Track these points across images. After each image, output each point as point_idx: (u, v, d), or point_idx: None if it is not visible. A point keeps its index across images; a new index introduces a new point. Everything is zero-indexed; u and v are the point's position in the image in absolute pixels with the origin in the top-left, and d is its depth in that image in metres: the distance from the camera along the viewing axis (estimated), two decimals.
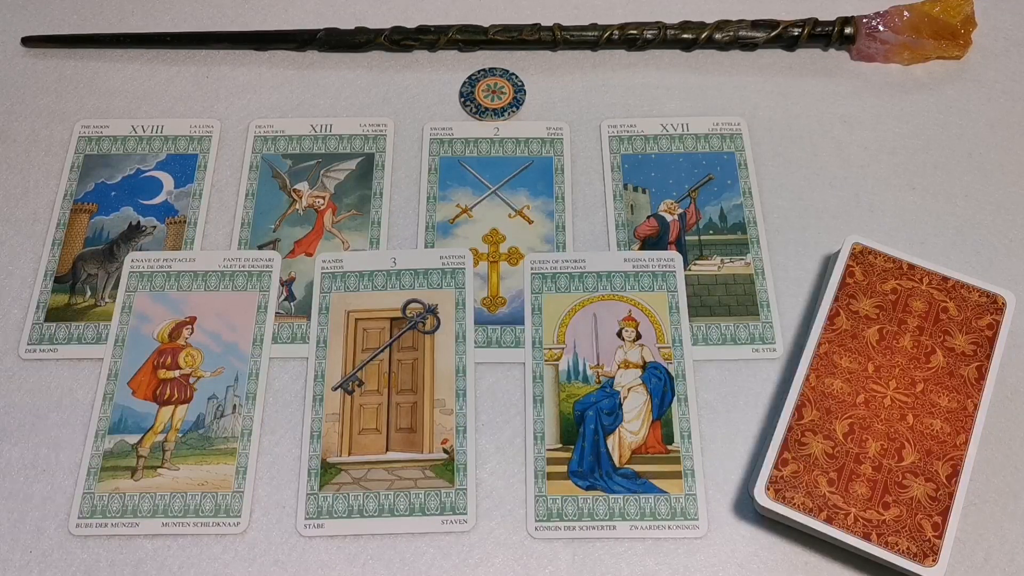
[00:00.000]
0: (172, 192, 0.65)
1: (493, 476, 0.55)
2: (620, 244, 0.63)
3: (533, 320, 0.60)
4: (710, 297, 0.61)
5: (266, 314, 0.60)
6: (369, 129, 0.67)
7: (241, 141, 0.67)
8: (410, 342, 0.59)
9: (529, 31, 0.70)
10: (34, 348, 0.60)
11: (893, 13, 0.69)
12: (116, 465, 0.56)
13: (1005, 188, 0.64)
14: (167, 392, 0.58)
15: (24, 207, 0.65)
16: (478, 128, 0.68)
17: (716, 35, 0.69)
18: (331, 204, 0.65)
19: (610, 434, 0.56)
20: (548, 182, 0.65)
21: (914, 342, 0.55)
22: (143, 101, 0.69)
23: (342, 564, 0.53)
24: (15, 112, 0.69)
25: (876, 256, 0.57)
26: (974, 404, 0.53)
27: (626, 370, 0.58)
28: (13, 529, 0.54)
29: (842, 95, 0.68)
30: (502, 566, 0.53)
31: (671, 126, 0.67)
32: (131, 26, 0.73)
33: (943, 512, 0.50)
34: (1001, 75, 0.69)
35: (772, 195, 0.64)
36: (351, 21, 0.72)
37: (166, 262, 0.62)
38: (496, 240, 0.63)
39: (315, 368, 0.58)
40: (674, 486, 0.55)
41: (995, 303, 0.56)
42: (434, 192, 0.65)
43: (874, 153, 0.66)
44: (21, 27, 0.72)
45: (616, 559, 0.53)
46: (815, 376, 0.54)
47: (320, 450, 0.56)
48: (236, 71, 0.70)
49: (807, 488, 0.51)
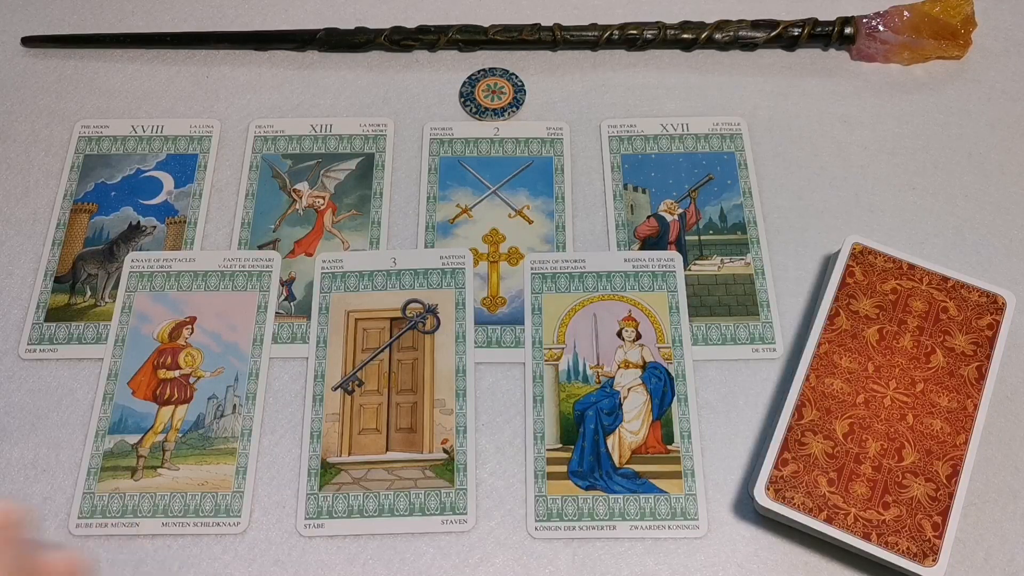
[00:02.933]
0: (172, 192, 0.65)
1: (493, 476, 0.55)
2: (620, 244, 0.63)
3: (533, 320, 0.60)
4: (710, 297, 0.61)
5: (266, 314, 0.60)
6: (369, 129, 0.67)
7: (241, 141, 0.67)
8: (410, 342, 0.59)
9: (529, 31, 0.70)
10: (34, 348, 0.60)
11: (893, 13, 0.68)
12: (116, 465, 0.56)
13: (1005, 188, 0.64)
14: (167, 392, 0.58)
15: (24, 207, 0.65)
16: (478, 128, 0.68)
17: (716, 35, 0.69)
18: (331, 204, 0.65)
19: (610, 434, 0.56)
20: (548, 182, 0.65)
21: (914, 342, 0.55)
22: (143, 101, 0.69)
23: (342, 564, 0.53)
24: (15, 112, 0.69)
25: (876, 256, 0.57)
26: (974, 404, 0.53)
27: (626, 370, 0.58)
28: None
29: (842, 95, 0.68)
30: (502, 566, 0.53)
31: (671, 126, 0.67)
32: (131, 26, 0.73)
33: (943, 512, 0.50)
34: (1001, 75, 0.69)
35: (772, 195, 0.64)
36: (351, 21, 0.72)
37: (166, 262, 0.62)
38: (496, 240, 0.63)
39: (315, 368, 0.58)
40: (674, 486, 0.55)
41: (995, 303, 0.56)
42: (434, 192, 0.65)
43: (874, 153, 0.66)
44: (21, 27, 0.72)
45: (616, 559, 0.53)
46: (815, 376, 0.54)
47: (320, 450, 0.56)
48: (236, 71, 0.70)
49: (807, 488, 0.51)
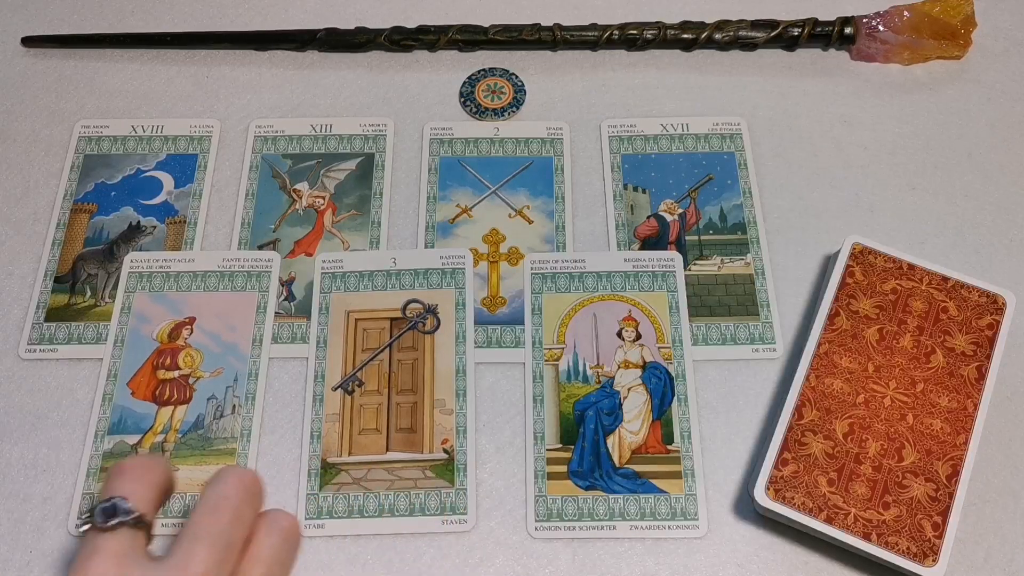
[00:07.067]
0: (172, 192, 0.65)
1: (493, 476, 0.55)
2: (620, 244, 0.63)
3: (533, 320, 0.60)
4: (710, 297, 0.61)
5: (265, 314, 0.60)
6: (369, 129, 0.67)
7: (241, 141, 0.67)
8: (410, 342, 0.59)
9: (529, 31, 0.70)
10: (34, 348, 0.60)
11: (893, 13, 0.68)
12: None
13: (1005, 188, 0.64)
14: (166, 392, 0.58)
15: (24, 207, 0.65)
16: (478, 128, 0.68)
17: (716, 35, 0.69)
18: (331, 204, 0.65)
19: (610, 434, 0.56)
20: (548, 182, 0.65)
21: (914, 342, 0.55)
22: (143, 101, 0.69)
23: (342, 564, 0.53)
24: (15, 112, 0.69)
25: (876, 256, 0.57)
26: (974, 404, 0.53)
27: (626, 370, 0.58)
28: (13, 529, 0.54)
29: (842, 95, 0.68)
30: (502, 566, 0.53)
31: (671, 126, 0.67)
32: (131, 26, 0.73)
33: (943, 512, 0.50)
34: (1001, 75, 0.69)
35: (772, 195, 0.64)
36: (351, 21, 0.72)
37: (165, 262, 0.62)
38: (496, 240, 0.63)
39: (315, 368, 0.58)
40: (674, 486, 0.55)
41: (995, 303, 0.56)
42: (434, 192, 0.65)
43: (874, 153, 0.66)
44: (21, 27, 0.72)
45: (616, 559, 0.53)
46: (815, 376, 0.54)
47: (320, 450, 0.56)
48: (236, 71, 0.70)
49: (807, 488, 0.51)
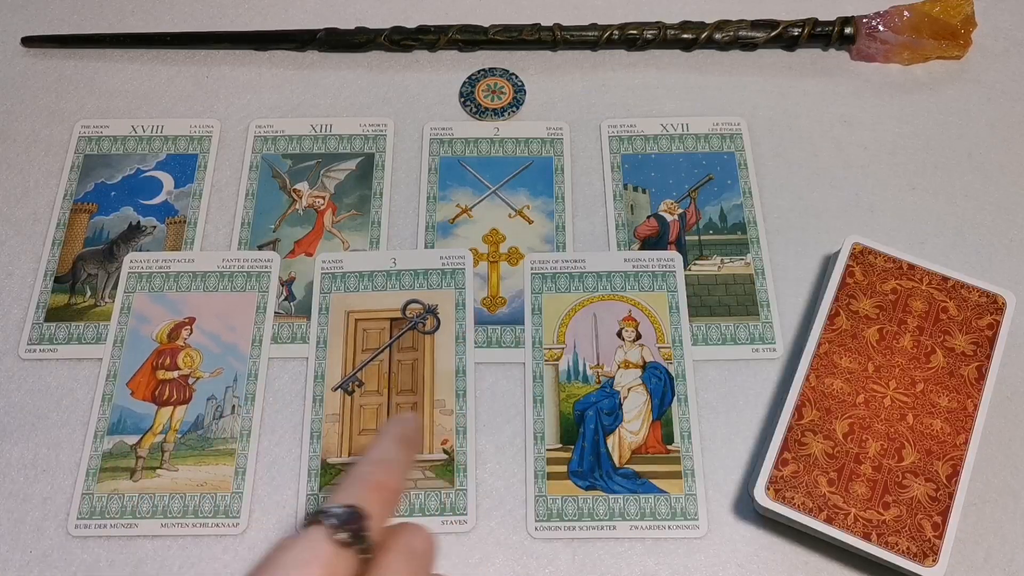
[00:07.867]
0: (172, 192, 0.65)
1: (493, 476, 0.55)
2: (620, 244, 0.63)
3: (533, 320, 0.60)
4: (710, 297, 0.61)
5: (265, 314, 0.60)
6: (369, 129, 0.67)
7: (241, 141, 0.67)
8: (410, 342, 0.59)
9: (529, 31, 0.70)
10: (34, 348, 0.60)
11: (893, 13, 0.68)
12: (115, 466, 0.56)
13: (1005, 188, 0.64)
14: (166, 393, 0.58)
15: (24, 207, 0.65)
16: (478, 128, 0.68)
17: (716, 35, 0.69)
18: (331, 204, 0.65)
19: (610, 434, 0.56)
20: (548, 182, 0.65)
21: (914, 342, 0.55)
22: (143, 101, 0.69)
23: None
24: (15, 112, 0.69)
25: (876, 256, 0.57)
26: (974, 404, 0.53)
27: (626, 370, 0.58)
28: (13, 529, 0.54)
29: (842, 95, 0.68)
30: (502, 566, 0.53)
31: (671, 126, 0.67)
32: (131, 26, 0.73)
33: (943, 512, 0.50)
34: (1001, 75, 0.69)
35: (772, 195, 0.64)
36: (351, 21, 0.72)
37: (165, 263, 0.62)
38: (496, 240, 0.63)
39: (315, 368, 0.58)
40: (674, 486, 0.55)
41: (995, 303, 0.56)
42: (434, 192, 0.65)
43: (874, 153, 0.66)
44: (21, 27, 0.72)
45: (616, 559, 0.53)
46: (815, 376, 0.54)
47: (320, 450, 0.56)
48: (236, 71, 0.70)
49: (807, 488, 0.51)
